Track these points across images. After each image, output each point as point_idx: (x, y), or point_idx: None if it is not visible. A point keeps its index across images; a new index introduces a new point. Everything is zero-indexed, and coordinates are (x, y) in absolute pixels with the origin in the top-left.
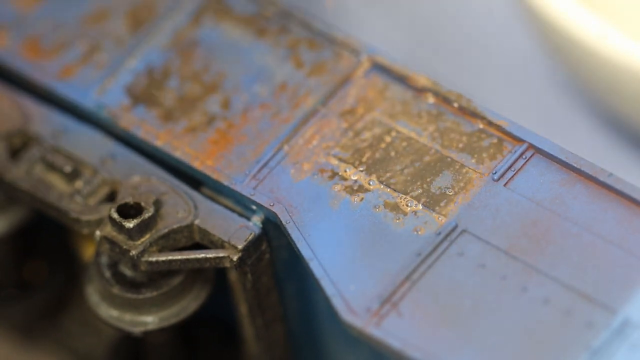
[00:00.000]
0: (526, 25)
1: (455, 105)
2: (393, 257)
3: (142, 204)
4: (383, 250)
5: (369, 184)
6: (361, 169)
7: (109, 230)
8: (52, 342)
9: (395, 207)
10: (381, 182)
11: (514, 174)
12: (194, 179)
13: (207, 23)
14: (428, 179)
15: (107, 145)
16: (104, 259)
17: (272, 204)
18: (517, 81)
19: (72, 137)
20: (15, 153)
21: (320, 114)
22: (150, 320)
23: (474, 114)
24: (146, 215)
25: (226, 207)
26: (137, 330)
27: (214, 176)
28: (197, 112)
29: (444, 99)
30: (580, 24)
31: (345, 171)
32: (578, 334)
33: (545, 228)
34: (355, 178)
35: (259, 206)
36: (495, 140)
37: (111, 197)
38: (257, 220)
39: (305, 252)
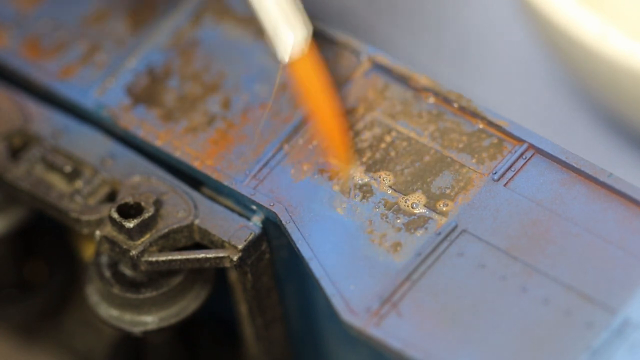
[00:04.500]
0: (526, 25)
1: (456, 105)
2: (393, 257)
3: (142, 204)
4: (383, 250)
5: (369, 183)
6: (361, 168)
7: (109, 230)
8: (52, 342)
9: (395, 207)
10: (381, 182)
11: (514, 174)
12: (194, 179)
13: (207, 23)
14: (428, 179)
15: (107, 145)
16: (104, 259)
17: (272, 204)
18: (517, 81)
19: (72, 137)
20: (15, 153)
21: None
22: (150, 320)
23: (474, 114)
24: (146, 215)
25: (226, 207)
26: (137, 330)
27: (214, 176)
28: (197, 112)
29: (444, 99)
30: (580, 23)
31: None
32: (578, 334)
33: (545, 228)
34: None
35: (259, 206)
36: (495, 140)
37: (111, 197)
38: (257, 220)
39: (305, 252)
